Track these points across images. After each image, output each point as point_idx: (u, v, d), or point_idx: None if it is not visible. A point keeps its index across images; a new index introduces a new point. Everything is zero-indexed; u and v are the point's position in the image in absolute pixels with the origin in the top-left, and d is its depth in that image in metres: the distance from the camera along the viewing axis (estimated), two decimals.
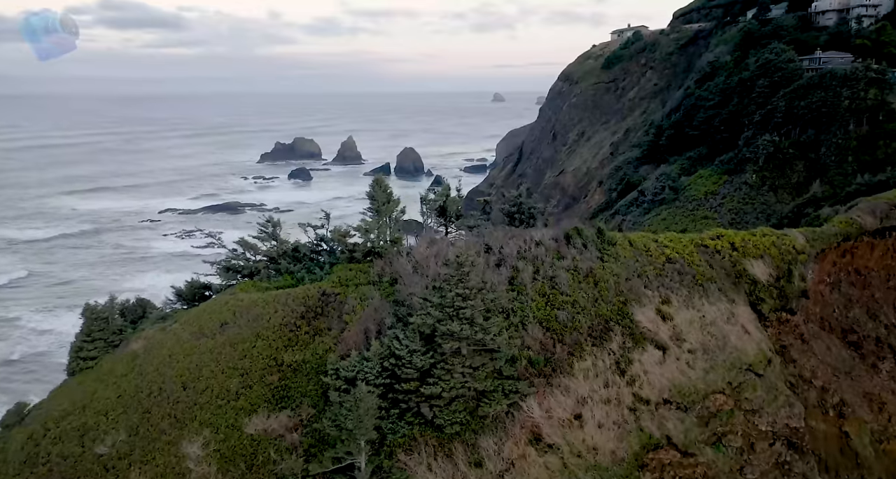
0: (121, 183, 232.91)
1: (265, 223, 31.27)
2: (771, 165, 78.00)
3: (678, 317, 26.76)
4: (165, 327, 28.92)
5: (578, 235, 29.23)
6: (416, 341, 23.31)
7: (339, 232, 30.34)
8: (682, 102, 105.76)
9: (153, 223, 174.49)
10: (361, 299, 27.53)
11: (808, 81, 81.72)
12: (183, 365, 26.24)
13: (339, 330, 26.54)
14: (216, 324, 27.45)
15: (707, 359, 25.63)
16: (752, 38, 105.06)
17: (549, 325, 26.02)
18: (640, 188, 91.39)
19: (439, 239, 30.34)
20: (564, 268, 27.94)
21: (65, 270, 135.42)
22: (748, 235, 30.94)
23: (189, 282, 31.82)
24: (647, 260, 29.15)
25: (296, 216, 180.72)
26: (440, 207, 31.68)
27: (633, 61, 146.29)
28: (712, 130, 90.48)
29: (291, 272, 30.37)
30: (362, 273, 29.15)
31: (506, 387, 23.68)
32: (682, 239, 30.66)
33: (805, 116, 78.43)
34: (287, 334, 26.70)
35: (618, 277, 27.91)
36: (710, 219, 76.41)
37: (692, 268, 28.99)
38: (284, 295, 28.13)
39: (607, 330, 25.98)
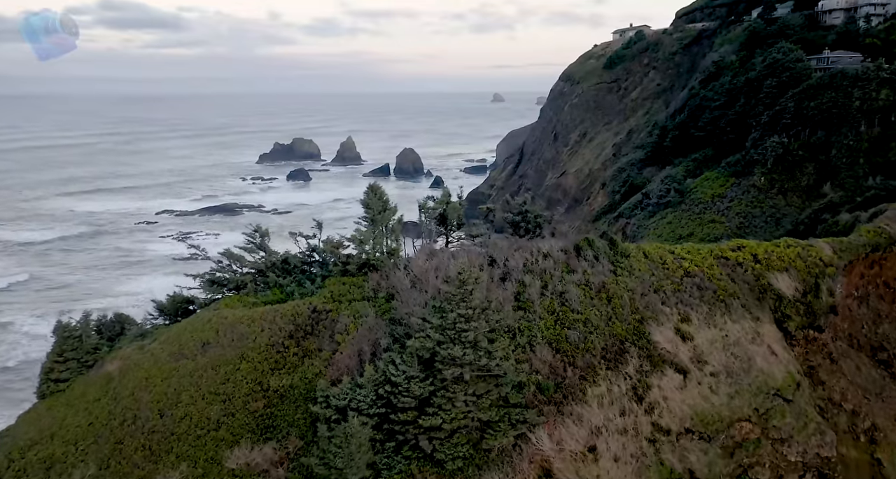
0: (118, 184, 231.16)
1: (252, 233, 29.08)
2: (780, 167, 76.03)
3: (699, 336, 24.63)
4: (144, 345, 26.76)
5: (589, 246, 27.06)
6: (413, 365, 21.17)
7: (332, 243, 28.16)
8: (686, 102, 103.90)
9: (150, 225, 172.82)
10: (355, 316, 25.36)
11: (817, 80, 79.71)
12: (160, 390, 24.07)
13: (331, 351, 24.38)
14: (197, 344, 25.29)
15: (731, 383, 23.51)
16: (757, 38, 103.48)
17: (559, 346, 23.87)
18: (644, 191, 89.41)
19: (439, 250, 28.19)
20: (575, 282, 25.78)
21: (60, 273, 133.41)
22: (771, 245, 28.79)
23: (171, 296, 29.63)
24: (663, 274, 27.00)
25: (294, 218, 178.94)
26: (440, 215, 29.52)
27: (635, 61, 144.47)
28: (718, 131, 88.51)
29: (280, 286, 28.21)
30: (356, 288, 26.97)
31: (512, 416, 21.52)
32: (700, 250, 28.50)
33: (815, 117, 76.39)
34: (274, 355, 24.53)
35: (632, 292, 25.76)
36: (718, 222, 74.44)
37: (712, 282, 26.84)
38: (272, 312, 25.96)
39: (622, 352, 23.82)
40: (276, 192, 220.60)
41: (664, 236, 76.11)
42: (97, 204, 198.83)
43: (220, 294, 29.10)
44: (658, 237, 76.01)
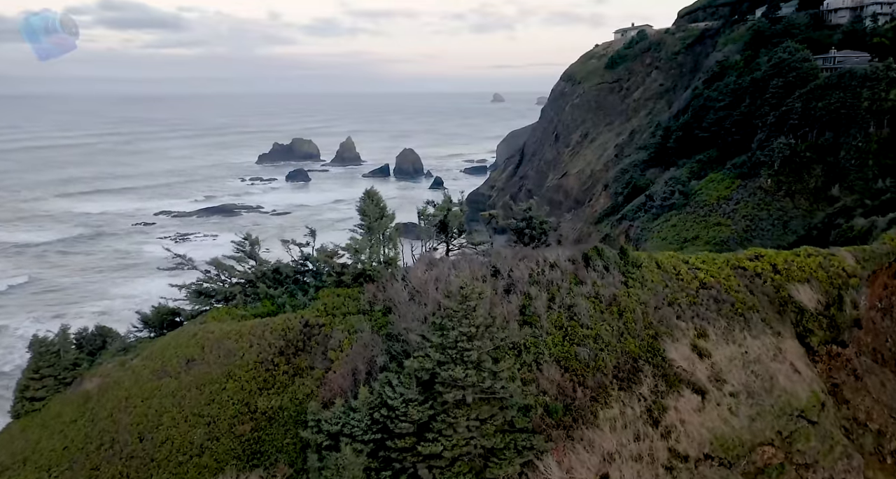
0: (117, 185, 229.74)
1: (242, 241, 27.45)
2: (787, 169, 74.50)
3: (717, 353, 23.03)
4: (126, 361, 25.15)
5: (599, 256, 25.44)
6: (412, 387, 19.56)
7: (326, 252, 26.52)
8: (690, 102, 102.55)
9: (147, 226, 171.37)
10: (350, 331, 23.74)
11: (825, 80, 78.20)
12: (140, 411, 22.46)
13: (324, 370, 22.76)
14: (181, 360, 23.67)
15: (752, 404, 21.91)
16: (762, 37, 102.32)
17: (567, 364, 22.25)
18: (648, 192, 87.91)
19: (440, 259, 26.58)
20: (584, 295, 24.17)
21: (57, 275, 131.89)
22: (791, 255, 27.18)
23: (156, 307, 28.02)
24: (677, 285, 25.39)
25: (294, 219, 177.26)
26: (441, 222, 27.92)
27: (637, 61, 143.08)
28: (723, 132, 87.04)
29: (271, 297, 26.59)
30: (351, 300, 25.35)
31: (518, 442, 19.90)
32: (716, 260, 26.87)
33: (823, 118, 74.86)
34: (262, 373, 22.91)
35: (645, 305, 24.14)
36: (724, 225, 72.93)
37: (730, 295, 25.22)
38: (261, 326, 24.33)
39: (636, 370, 22.21)
40: (275, 192, 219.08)
41: (669, 239, 74.61)
42: (95, 205, 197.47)
43: (207, 306, 27.49)
44: (663, 240, 74.47)
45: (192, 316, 27.37)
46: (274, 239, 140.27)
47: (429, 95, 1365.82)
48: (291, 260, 28.63)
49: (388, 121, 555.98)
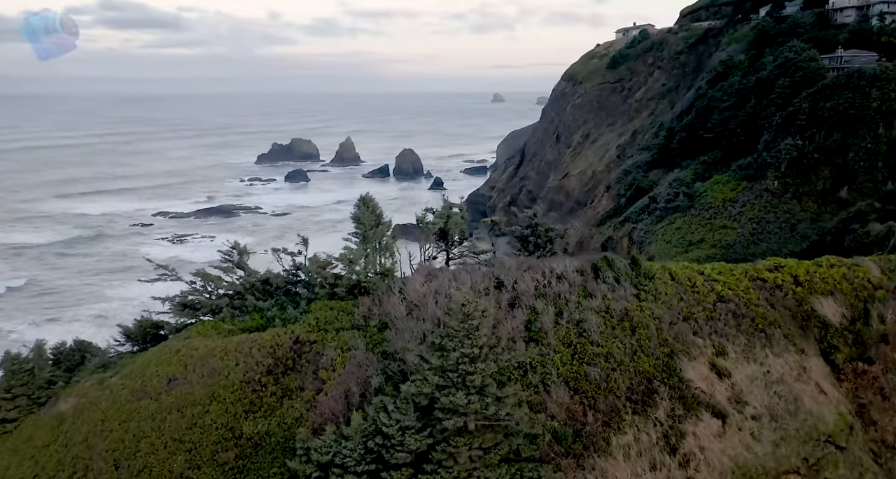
0: (115, 186, 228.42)
1: (229, 250, 25.84)
2: (794, 170, 72.96)
3: (737, 373, 21.44)
4: (105, 379, 23.55)
5: (609, 266, 23.84)
6: (409, 413, 17.96)
7: (318, 262, 24.89)
8: (693, 102, 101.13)
9: (145, 227, 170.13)
10: (343, 349, 22.13)
11: (833, 80, 76.71)
12: (117, 435, 20.85)
13: (314, 391, 21.15)
14: (163, 380, 22.07)
15: (776, 428, 20.32)
16: (766, 37, 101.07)
17: (577, 385, 20.64)
18: (651, 194, 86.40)
19: (439, 270, 24.98)
20: (594, 309, 22.56)
21: (54, 277, 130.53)
22: (813, 265, 25.58)
23: (138, 320, 26.41)
24: (693, 298, 23.78)
25: (292, 220, 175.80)
26: (440, 230, 26.31)
27: (639, 61, 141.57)
28: (728, 133, 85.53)
29: (260, 310, 24.97)
30: (345, 314, 23.73)
31: (525, 473, 18.28)
32: (734, 271, 25.25)
33: (831, 119, 73.30)
34: (249, 395, 21.30)
35: (660, 321, 22.53)
36: (730, 228, 71.41)
37: (750, 309, 23.61)
38: (248, 342, 22.73)
39: (651, 392, 20.61)
40: (273, 193, 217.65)
41: (673, 242, 73.14)
42: (93, 206, 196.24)
43: (193, 318, 25.89)
44: (667, 243, 72.99)
45: (176, 330, 25.77)
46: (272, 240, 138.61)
47: (429, 95, 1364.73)
48: (283, 269, 27.03)
49: (389, 121, 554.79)
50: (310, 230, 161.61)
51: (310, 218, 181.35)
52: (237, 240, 26.78)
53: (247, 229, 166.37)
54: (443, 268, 25.59)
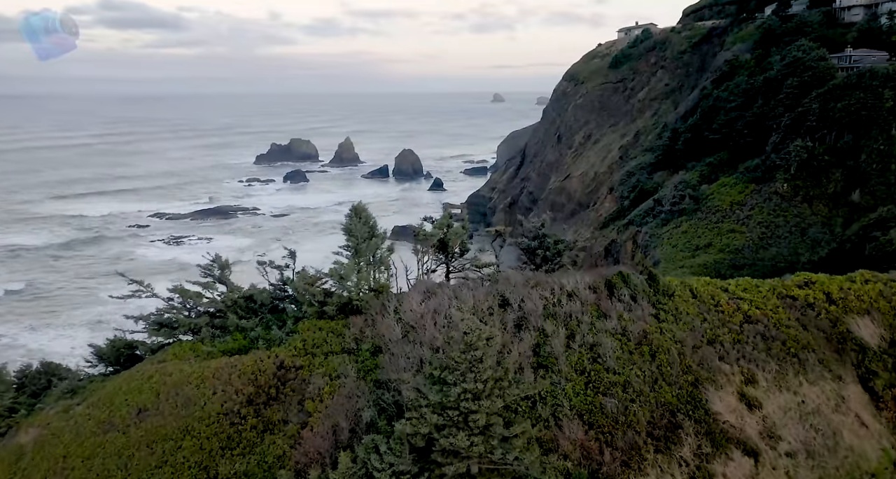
0: (113, 186, 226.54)
1: (209, 265, 23.68)
2: (804, 172, 70.94)
3: (769, 404, 19.29)
4: (70, 406, 21.41)
5: (624, 283, 21.69)
6: (404, 455, 15.83)
7: (306, 278, 22.72)
8: (698, 103, 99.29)
9: (141, 229, 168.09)
10: (332, 376, 19.98)
11: (843, 80, 74.71)
12: (79, 474, 18.67)
13: (299, 424, 18.99)
14: (132, 410, 19.91)
15: (814, 467, 18.18)
16: (773, 36, 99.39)
17: (592, 419, 18.47)
18: (655, 197, 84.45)
19: (438, 285, 22.83)
20: (609, 332, 20.41)
21: (48, 280, 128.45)
22: (846, 280, 23.40)
23: (111, 341, 24.27)
24: (717, 318, 21.62)
25: (291, 221, 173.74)
26: (440, 241, 24.17)
27: (642, 60, 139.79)
28: (734, 134, 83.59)
29: (243, 330, 22.82)
30: (335, 336, 21.57)
31: None
32: (760, 288, 23.05)
33: (842, 120, 71.25)
34: (226, 428, 19.12)
35: (682, 344, 20.37)
36: (738, 232, 69.35)
37: (780, 330, 21.43)
38: (228, 367, 20.57)
39: (675, 427, 18.44)
40: (272, 194, 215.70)
41: (679, 247, 71.15)
42: (90, 207, 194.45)
43: (170, 338, 23.75)
44: (673, 248, 70.99)
45: (152, 350, 23.62)
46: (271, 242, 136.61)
47: (430, 95, 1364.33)
48: (269, 284, 24.88)
49: (391, 121, 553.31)
50: (308, 232, 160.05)
51: (308, 219, 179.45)
52: (218, 253, 24.64)
53: (245, 231, 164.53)
54: (442, 283, 23.44)
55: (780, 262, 62.30)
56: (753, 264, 62.86)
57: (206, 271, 23.58)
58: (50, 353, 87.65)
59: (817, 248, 62.96)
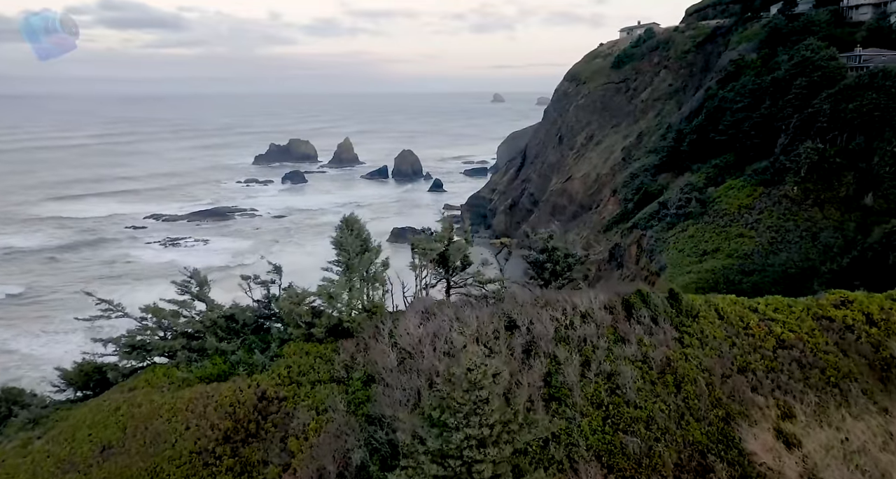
0: (110, 188, 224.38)
1: (185, 282, 21.48)
2: (814, 175, 68.71)
3: (809, 442, 17.15)
4: (31, 440, 19.25)
5: (644, 302, 19.53)
6: None
7: (292, 297, 20.52)
8: (703, 103, 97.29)
9: (137, 230, 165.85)
10: (318, 409, 17.81)
11: (855, 80, 72.56)
12: None
13: (281, 466, 16.81)
14: (96, 447, 17.75)
15: None
16: (779, 35, 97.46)
17: (612, 460, 16.31)
18: (660, 199, 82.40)
19: (437, 305, 20.66)
20: (628, 358, 18.26)
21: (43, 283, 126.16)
22: (886, 299, 21.21)
23: (79, 364, 22.10)
24: (748, 343, 19.46)
25: (289, 223, 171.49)
26: (440, 255, 21.99)
27: (645, 60, 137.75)
28: (741, 136, 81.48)
29: (223, 353, 20.66)
30: (323, 362, 19.40)
31: None
32: (793, 308, 20.86)
33: (854, 121, 69.05)
34: (199, 469, 16.94)
35: (710, 373, 18.22)
36: (747, 237, 67.16)
37: (818, 357, 19.27)
38: (203, 398, 18.41)
39: (705, 470, 16.27)
40: (270, 195, 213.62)
41: (686, 252, 69.00)
42: (87, 208, 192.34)
43: (143, 361, 21.58)
44: (679, 252, 68.85)
45: (123, 375, 21.45)
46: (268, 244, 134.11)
47: (430, 95, 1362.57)
48: (253, 301, 22.69)
49: (392, 121, 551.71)
50: (307, 234, 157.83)
51: (307, 221, 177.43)
52: (196, 267, 22.47)
53: (242, 233, 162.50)
54: (442, 302, 21.27)
55: (790, 267, 60.12)
56: (763, 270, 60.66)
57: (182, 287, 21.40)
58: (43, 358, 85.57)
59: (829, 253, 60.90)
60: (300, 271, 28.39)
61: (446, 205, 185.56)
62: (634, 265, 77.30)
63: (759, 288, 55.85)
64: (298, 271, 25.40)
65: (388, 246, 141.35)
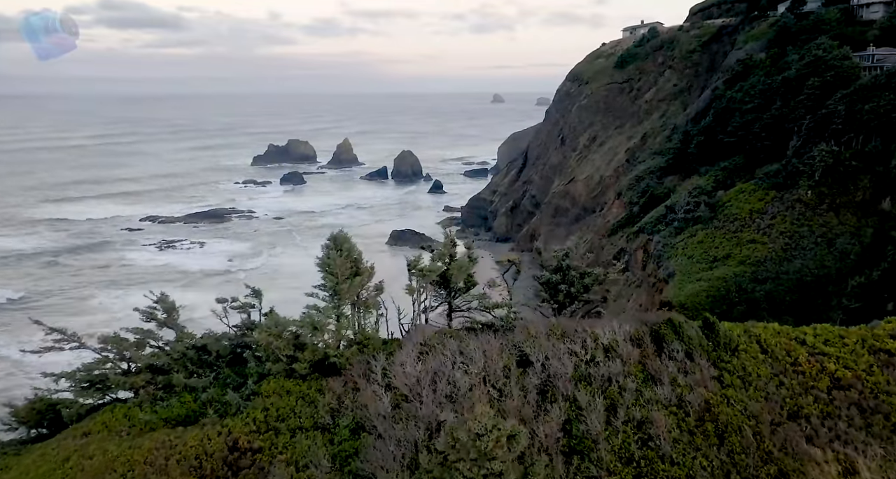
0: (106, 189, 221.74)
1: (152, 308, 18.71)
2: (829, 179, 66.14)
3: None
4: None
5: (676, 334, 16.83)
6: None
7: (271, 327, 17.74)
8: (710, 104, 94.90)
9: (132, 232, 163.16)
10: (298, 465, 15.12)
11: (871, 80, 70.08)
12: None
13: None
14: None
15: None
16: (788, 34, 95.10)
17: None
18: (667, 203, 79.88)
19: (437, 337, 17.93)
20: (661, 402, 15.57)
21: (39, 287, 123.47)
22: None
23: (30, 400, 19.37)
24: (798, 382, 16.77)
25: (286, 224, 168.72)
26: (442, 276, 19.25)
27: (649, 60, 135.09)
28: (751, 137, 78.98)
29: (193, 391, 17.97)
30: (305, 404, 16.67)
31: None
32: (846, 339, 18.13)
33: (870, 123, 66.50)
34: None
35: (757, 420, 15.53)
36: (759, 243, 64.56)
37: (881, 399, 16.56)
38: (166, 449, 15.70)
39: None
40: (268, 196, 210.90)
41: (696, 258, 66.39)
42: (84, 210, 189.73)
43: (103, 398, 18.88)
44: (689, 259, 66.19)
45: (79, 414, 18.74)
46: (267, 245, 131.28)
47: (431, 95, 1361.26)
48: (231, 328, 19.95)
49: (394, 122, 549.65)
50: (306, 236, 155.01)
51: (305, 222, 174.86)
52: (164, 291, 19.73)
53: (239, 235, 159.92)
54: (443, 333, 18.54)
55: (806, 275, 57.52)
56: (777, 278, 58.07)
57: (147, 314, 18.67)
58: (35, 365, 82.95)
59: (846, 260, 58.42)
60: (299, 273, 25.74)
61: (446, 206, 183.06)
62: (641, 271, 74.65)
63: (773, 297, 53.20)
64: (297, 274, 22.92)
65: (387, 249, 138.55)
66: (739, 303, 55.17)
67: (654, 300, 63.24)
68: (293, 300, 20.11)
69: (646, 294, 65.76)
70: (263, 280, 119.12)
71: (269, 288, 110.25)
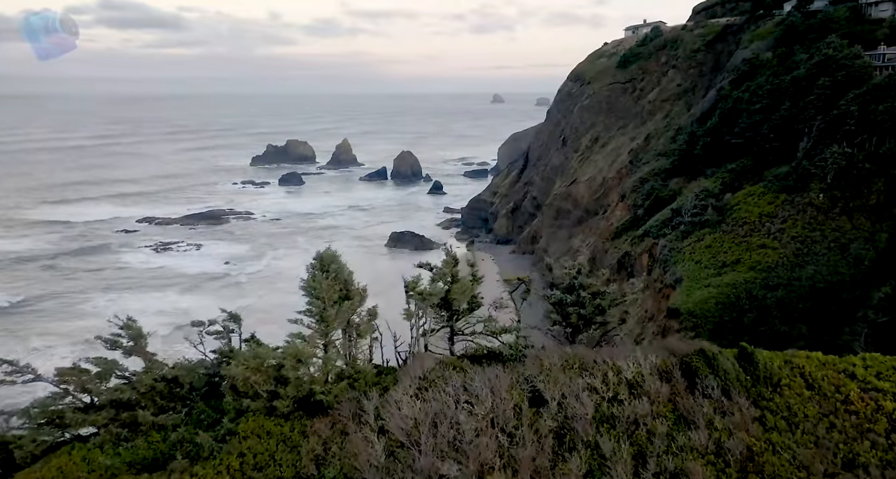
0: (105, 190, 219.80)
1: (115, 336, 16.54)
2: (842, 182, 64.23)
3: None
4: None
5: (710, 367, 14.67)
6: None
7: (249, 359, 15.54)
8: (715, 104, 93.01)
9: (129, 234, 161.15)
10: None
11: (885, 80, 68.24)
12: None
13: None
14: None
15: None
16: (795, 33, 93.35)
17: None
18: (673, 206, 77.92)
19: (438, 370, 15.77)
20: (696, 450, 13.44)
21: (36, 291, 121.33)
22: None
23: None
24: (851, 424, 14.65)
25: (284, 226, 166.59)
26: (443, 299, 17.10)
27: (651, 59, 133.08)
28: (759, 139, 77.13)
29: (162, 430, 15.83)
30: (286, 449, 14.52)
31: None
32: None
33: (884, 124, 64.57)
34: None
35: (808, 472, 13.40)
36: (770, 248, 62.54)
37: None
38: None
39: None
40: (266, 197, 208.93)
41: (704, 263, 64.24)
42: (81, 211, 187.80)
43: (62, 436, 16.74)
44: (696, 264, 64.01)
45: (33, 455, 16.60)
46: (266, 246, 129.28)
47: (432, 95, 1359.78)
48: (206, 357, 17.78)
49: (398, 122, 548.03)
50: (304, 237, 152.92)
51: (304, 224, 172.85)
52: (130, 316, 17.61)
53: (236, 236, 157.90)
54: (444, 364, 16.36)
55: (819, 282, 55.34)
56: (789, 284, 55.88)
57: (111, 342, 16.51)
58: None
59: (861, 266, 56.34)
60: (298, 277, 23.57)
61: (446, 208, 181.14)
62: (646, 276, 72.49)
63: (785, 304, 51.01)
64: (296, 277, 20.88)
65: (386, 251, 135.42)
66: (750, 310, 52.95)
67: (660, 307, 61.04)
68: (293, 304, 18.29)
69: (652, 300, 63.56)
70: (264, 284, 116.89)
71: (270, 292, 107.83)
